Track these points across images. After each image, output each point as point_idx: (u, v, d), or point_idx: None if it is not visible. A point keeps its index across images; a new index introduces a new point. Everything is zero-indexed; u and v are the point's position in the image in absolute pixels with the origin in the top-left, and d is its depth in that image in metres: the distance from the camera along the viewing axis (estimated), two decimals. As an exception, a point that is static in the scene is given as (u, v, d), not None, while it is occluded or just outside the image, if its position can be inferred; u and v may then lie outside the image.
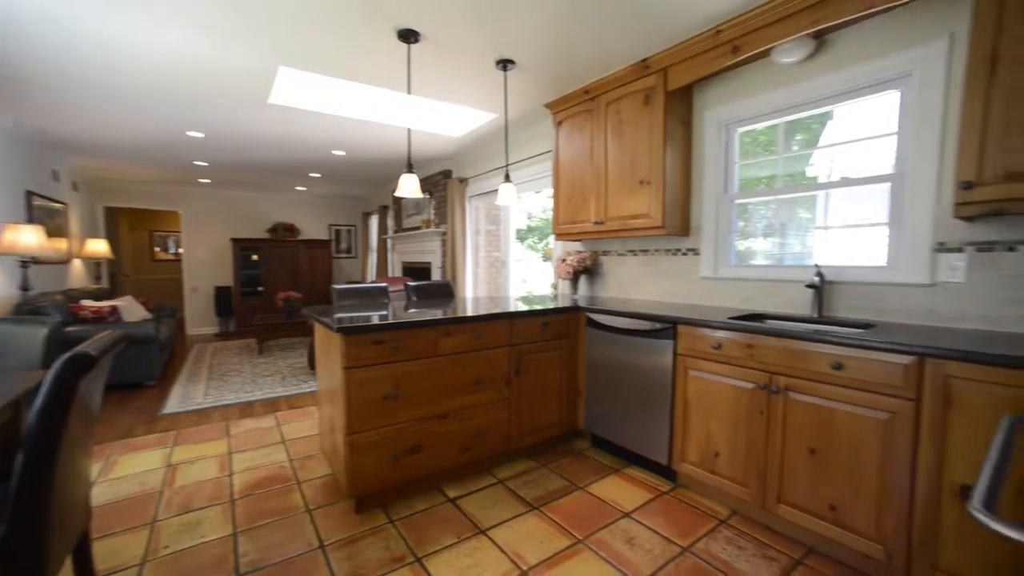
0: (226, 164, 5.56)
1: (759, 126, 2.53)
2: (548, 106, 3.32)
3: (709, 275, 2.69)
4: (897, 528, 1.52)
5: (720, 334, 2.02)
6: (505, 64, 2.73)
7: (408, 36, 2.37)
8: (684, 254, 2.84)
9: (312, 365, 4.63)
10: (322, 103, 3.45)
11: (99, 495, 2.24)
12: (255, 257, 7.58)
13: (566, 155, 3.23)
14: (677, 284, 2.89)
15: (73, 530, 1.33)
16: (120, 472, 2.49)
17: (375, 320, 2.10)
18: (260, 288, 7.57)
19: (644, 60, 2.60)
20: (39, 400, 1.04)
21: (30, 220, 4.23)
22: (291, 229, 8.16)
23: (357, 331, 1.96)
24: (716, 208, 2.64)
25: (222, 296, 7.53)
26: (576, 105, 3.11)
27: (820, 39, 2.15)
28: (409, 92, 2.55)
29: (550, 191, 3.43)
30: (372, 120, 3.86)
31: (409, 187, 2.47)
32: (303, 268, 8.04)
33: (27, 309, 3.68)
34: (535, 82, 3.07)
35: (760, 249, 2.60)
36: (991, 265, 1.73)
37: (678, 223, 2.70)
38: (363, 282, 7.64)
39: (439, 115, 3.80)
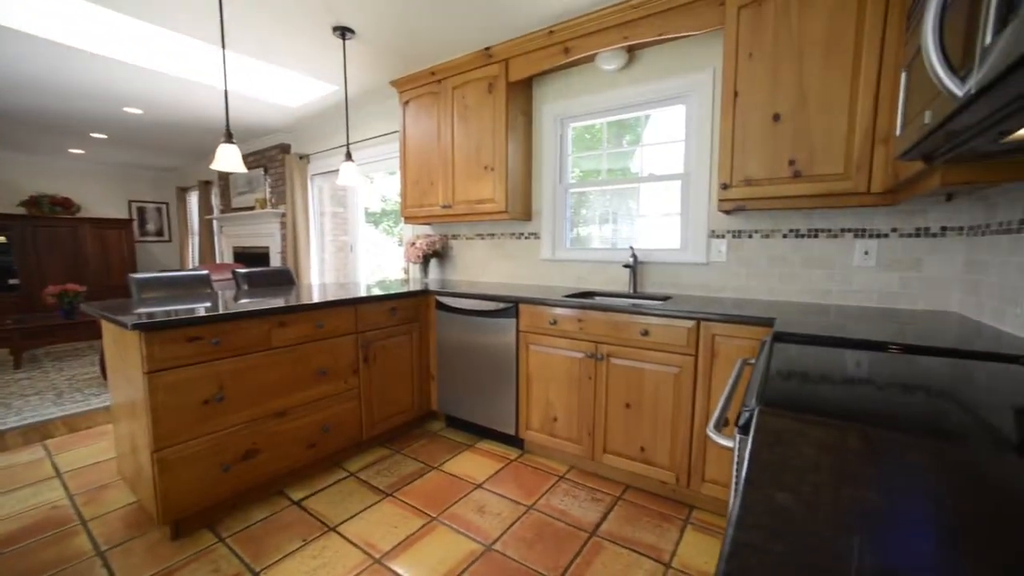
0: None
1: (587, 123, 2.84)
2: (393, 84, 3.20)
3: (548, 257, 2.96)
4: (682, 457, 1.93)
5: (556, 311, 2.25)
6: (344, 32, 2.53)
7: (218, -21, 2.02)
8: (527, 238, 3.06)
9: (106, 374, 3.73)
10: (96, 41, 2.72)
11: None
12: (1, 239, 5.71)
13: (413, 137, 3.17)
14: (521, 266, 3.11)
15: None
16: None
17: (192, 312, 1.79)
18: (12, 281, 5.76)
19: (488, 49, 2.68)
20: None
21: None
22: (65, 204, 6.34)
23: (162, 327, 1.65)
24: (553, 196, 2.90)
25: (-52, 293, 5.51)
26: (423, 86, 3.06)
27: (632, 53, 2.49)
28: (223, 46, 2.18)
29: (401, 173, 3.32)
30: (177, 74, 3.20)
31: (228, 160, 2.14)
32: (90, 254, 6.38)
33: None
34: (378, 57, 2.91)
35: (597, 235, 2.95)
36: (739, 248, 2.27)
37: (520, 208, 2.89)
38: (181, 270, 6.39)
39: (271, 80, 3.34)
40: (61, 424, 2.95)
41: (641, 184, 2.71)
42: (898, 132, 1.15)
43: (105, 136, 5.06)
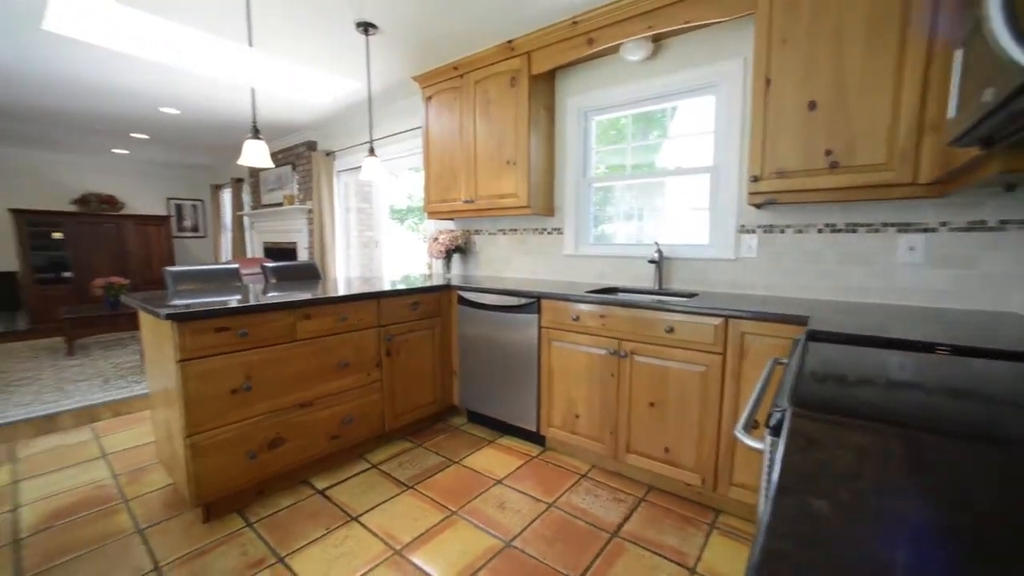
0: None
1: (612, 116, 2.78)
2: (416, 80, 3.21)
3: (571, 253, 2.92)
4: (709, 458, 1.87)
5: (578, 307, 2.21)
6: (367, 28, 2.55)
7: (247, -22, 2.06)
8: (549, 233, 3.02)
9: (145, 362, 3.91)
10: (137, 44, 2.83)
11: None
12: (57, 235, 6.06)
13: (436, 132, 3.17)
14: (543, 261, 3.08)
15: None
16: None
17: (223, 304, 1.84)
18: (67, 274, 6.10)
19: (510, 41, 2.65)
20: None
21: None
22: (110, 201, 6.68)
23: (193, 317, 1.70)
24: (576, 190, 2.86)
25: (3, 285, 5.88)
26: (445, 81, 3.06)
27: (658, 43, 2.42)
28: (250, 44, 2.23)
29: (424, 168, 3.34)
30: (209, 75, 3.30)
31: (254, 155, 2.19)
32: (133, 249, 6.69)
33: None
34: (401, 52, 2.93)
35: (621, 231, 2.89)
36: (770, 244, 2.18)
37: (543, 203, 2.86)
38: (214, 264, 6.63)
39: (299, 79, 3.41)
40: (107, 409, 3.10)
41: (667, 178, 2.63)
42: (951, 114, 1.06)
43: (146, 136, 5.29)
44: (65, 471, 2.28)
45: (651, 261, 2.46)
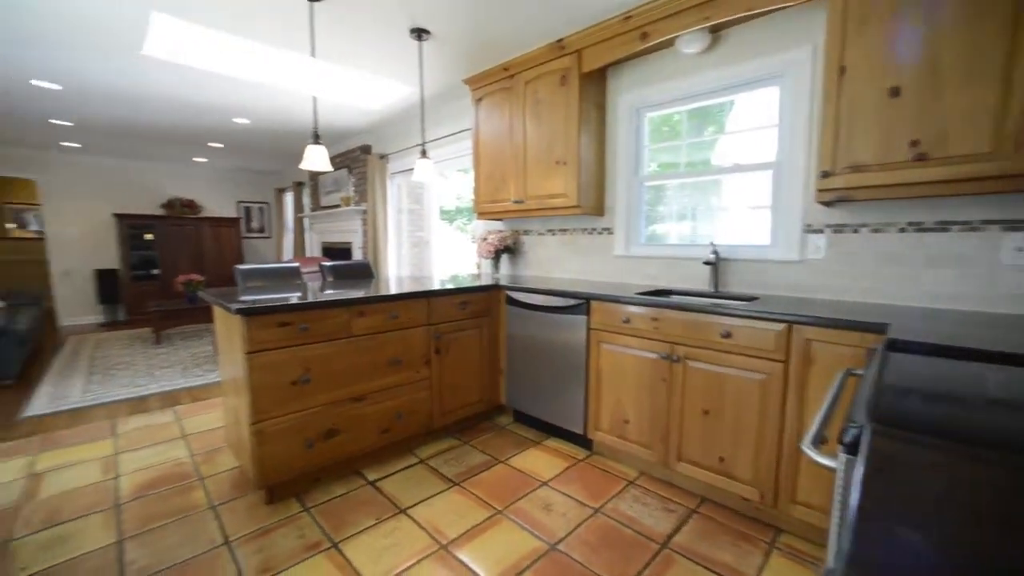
0: (98, 126, 4.78)
1: (665, 112, 2.68)
2: (467, 82, 3.26)
3: (622, 253, 2.84)
4: (768, 472, 1.75)
5: (629, 309, 2.15)
6: (420, 34, 2.62)
7: (310, -8, 2.18)
8: (599, 233, 2.96)
9: (218, 353, 4.25)
10: (216, 61, 3.08)
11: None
12: (148, 236, 6.72)
13: (486, 133, 3.20)
14: (593, 262, 3.02)
15: None
16: (-39, 489, 2.12)
17: (285, 300, 1.96)
18: (155, 271, 6.76)
19: (560, 40, 2.63)
20: None
21: None
22: (191, 205, 7.32)
23: (260, 312, 1.83)
24: (628, 190, 2.78)
25: (106, 280, 6.59)
26: (495, 83, 3.08)
27: (716, 33, 2.30)
28: (313, 55, 2.36)
29: (473, 170, 3.39)
30: (276, 85, 3.53)
31: (315, 159, 2.31)
32: (208, 249, 7.28)
33: None
34: (453, 56, 2.98)
35: (674, 231, 2.79)
36: (841, 244, 2.01)
37: (593, 203, 2.80)
38: (277, 263, 7.10)
39: (355, 85, 3.57)
40: (186, 394, 3.41)
41: (724, 176, 2.50)
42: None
43: (221, 145, 5.75)
44: (154, 448, 2.52)
45: (706, 262, 2.35)
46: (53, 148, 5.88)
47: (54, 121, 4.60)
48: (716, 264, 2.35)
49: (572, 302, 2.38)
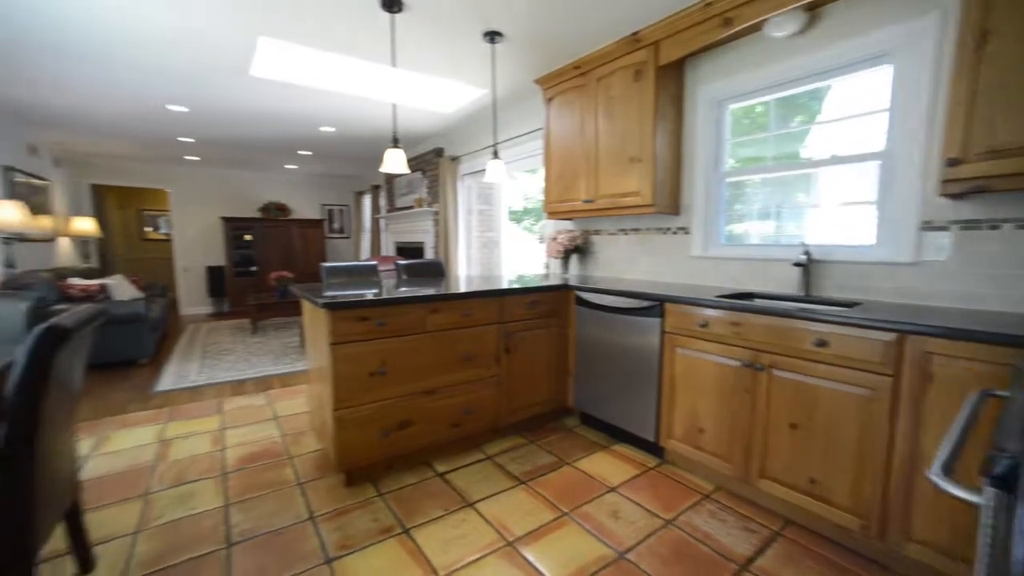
0: (213, 140, 5.43)
1: (751, 102, 2.49)
2: (538, 82, 3.26)
3: (699, 254, 2.69)
4: (873, 500, 1.56)
5: (707, 312, 2.02)
6: (493, 36, 2.66)
7: (391, 5, 2.29)
8: (674, 233, 2.82)
9: (304, 344, 4.63)
10: (307, 76, 3.36)
11: (93, 469, 2.27)
12: (247, 237, 7.51)
13: (557, 132, 3.18)
14: (667, 263, 2.88)
15: (59, 502, 1.35)
16: (113, 447, 2.51)
17: (363, 297, 2.09)
18: (253, 268, 7.52)
19: (635, 33, 2.54)
20: (18, 371, 1.04)
21: (12, 196, 4.14)
22: (283, 208, 8.05)
23: (343, 307, 1.96)
24: (706, 186, 2.62)
25: (214, 276, 7.48)
26: (566, 81, 3.05)
27: (812, 12, 2.09)
28: (394, 65, 2.48)
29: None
30: (359, 95, 3.77)
31: (394, 162, 2.43)
32: (296, 248, 7.97)
33: (12, 287, 3.64)
34: (525, 56, 2.99)
35: (755, 230, 2.59)
36: (975, 243, 1.73)
37: (668, 201, 2.68)
38: (356, 261, 7.58)
39: (430, 90, 3.72)
40: (277, 380, 3.75)
41: (818, 169, 2.27)
42: None
43: (309, 152, 6.26)
44: (251, 426, 2.80)
45: (796, 264, 2.15)
46: (179, 162, 6.79)
47: (181, 139, 5.30)
48: (808, 266, 2.14)
49: (645, 304, 2.29)
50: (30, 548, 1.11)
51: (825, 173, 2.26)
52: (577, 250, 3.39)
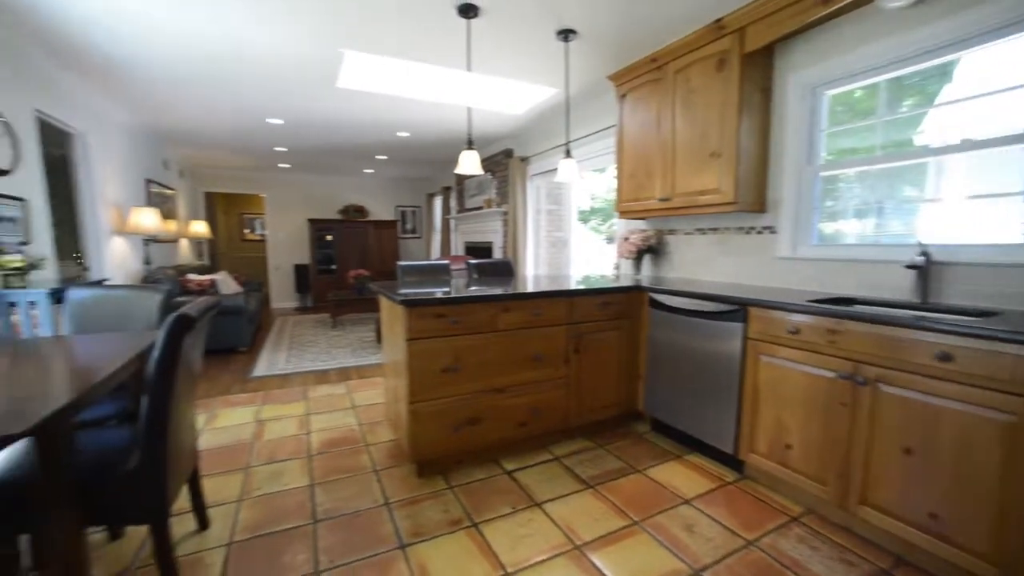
0: (302, 149, 5.95)
1: (854, 86, 2.24)
2: (611, 78, 3.17)
3: (787, 255, 2.47)
4: (1017, 547, 1.33)
5: (798, 318, 1.85)
6: (566, 34, 2.64)
7: (467, 10, 2.35)
8: (759, 232, 2.62)
9: (380, 338, 4.91)
10: (386, 85, 3.55)
11: (206, 441, 2.58)
12: (329, 237, 8.11)
13: (630, 129, 3.08)
14: (749, 265, 2.68)
15: (185, 466, 1.55)
16: (221, 423, 2.83)
17: (436, 295, 2.16)
18: (333, 266, 8.11)
19: (718, 20, 2.39)
20: (156, 351, 1.20)
21: (149, 203, 4.83)
22: (361, 210, 8.60)
23: (419, 304, 2.04)
24: (798, 182, 2.40)
25: (300, 273, 8.19)
26: (641, 75, 2.94)
27: (940, -22, 1.84)
28: (469, 69, 2.54)
29: (614, 170, 3.30)
30: (434, 100, 3.91)
31: (469, 164, 2.49)
32: (372, 247, 8.47)
33: (150, 280, 4.26)
34: (598, 52, 2.93)
35: (850, 229, 2.33)
36: None
37: (752, 199, 2.49)
38: (429, 260, 7.88)
39: (500, 92, 3.77)
40: (355, 371, 4.00)
41: (940, 158, 1.98)
42: None
43: (386, 157, 6.63)
44: (332, 413, 3.01)
45: (910, 266, 1.90)
46: (273, 169, 7.51)
47: (276, 148, 5.86)
48: (926, 268, 1.89)
49: (726, 307, 2.14)
50: (167, 500, 1.29)
51: (950, 162, 1.97)
52: (650, 250, 3.26)
